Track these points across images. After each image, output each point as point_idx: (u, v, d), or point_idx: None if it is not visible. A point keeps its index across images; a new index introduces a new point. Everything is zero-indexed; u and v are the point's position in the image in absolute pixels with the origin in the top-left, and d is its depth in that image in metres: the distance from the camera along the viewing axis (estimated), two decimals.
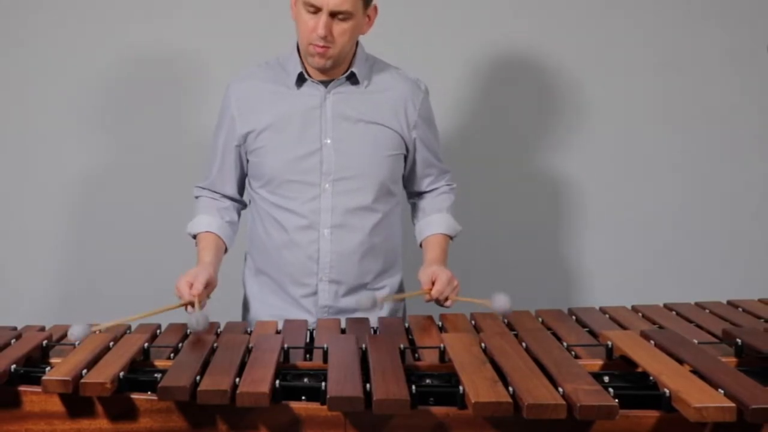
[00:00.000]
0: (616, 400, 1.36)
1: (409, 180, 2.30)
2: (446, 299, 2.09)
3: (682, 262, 3.11)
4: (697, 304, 2.15)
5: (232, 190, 2.26)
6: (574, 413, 1.35)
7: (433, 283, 2.09)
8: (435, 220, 2.27)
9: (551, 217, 3.12)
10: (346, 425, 1.48)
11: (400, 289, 2.31)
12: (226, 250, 2.22)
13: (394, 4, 2.89)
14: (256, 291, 2.29)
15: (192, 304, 1.94)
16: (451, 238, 2.28)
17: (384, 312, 2.23)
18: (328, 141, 2.15)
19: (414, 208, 2.34)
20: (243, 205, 2.31)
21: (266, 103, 2.17)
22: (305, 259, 2.18)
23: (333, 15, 2.03)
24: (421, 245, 2.28)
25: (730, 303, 2.16)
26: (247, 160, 2.23)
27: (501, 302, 1.96)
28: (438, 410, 1.47)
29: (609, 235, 3.11)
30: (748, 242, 3.12)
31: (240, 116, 2.19)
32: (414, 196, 2.34)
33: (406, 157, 2.24)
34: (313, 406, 1.49)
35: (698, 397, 1.36)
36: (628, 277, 3.09)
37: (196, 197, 2.29)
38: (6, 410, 1.54)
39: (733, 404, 1.34)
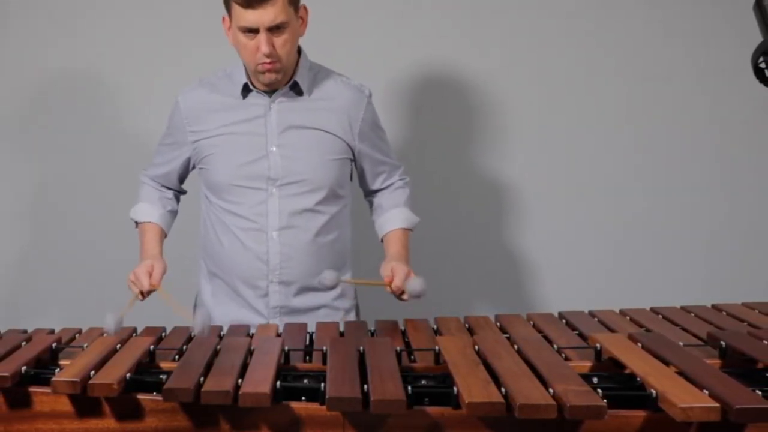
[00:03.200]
0: (605, 401, 1.36)
1: (362, 180, 2.33)
2: (402, 293, 2.09)
3: (669, 266, 3.12)
4: (682, 307, 2.14)
5: (175, 185, 2.35)
6: (564, 413, 1.35)
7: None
8: (394, 216, 2.29)
9: (518, 219, 3.13)
10: (345, 425, 1.48)
11: (352, 287, 2.32)
12: (165, 236, 2.31)
13: (340, 11, 2.94)
14: (209, 294, 2.31)
15: (149, 292, 2.08)
16: (411, 230, 2.30)
17: (335, 293, 2.25)
18: (274, 149, 2.17)
19: (372, 206, 2.36)
20: (183, 192, 2.39)
21: (213, 113, 2.20)
22: (255, 262, 2.20)
23: (270, 30, 2.05)
24: (382, 240, 2.30)
25: (714, 307, 2.15)
26: (194, 166, 2.28)
27: (415, 285, 1.99)
28: (433, 410, 1.47)
29: (588, 238, 3.13)
30: (732, 247, 3.12)
31: (188, 126, 2.22)
32: (370, 194, 2.36)
33: (353, 161, 2.26)
34: (313, 407, 1.49)
35: (684, 398, 1.36)
36: (614, 281, 3.10)
37: (141, 183, 2.35)
38: (17, 410, 1.54)
39: (718, 404, 1.34)
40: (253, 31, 2.05)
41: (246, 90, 2.19)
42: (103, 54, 3.00)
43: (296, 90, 2.19)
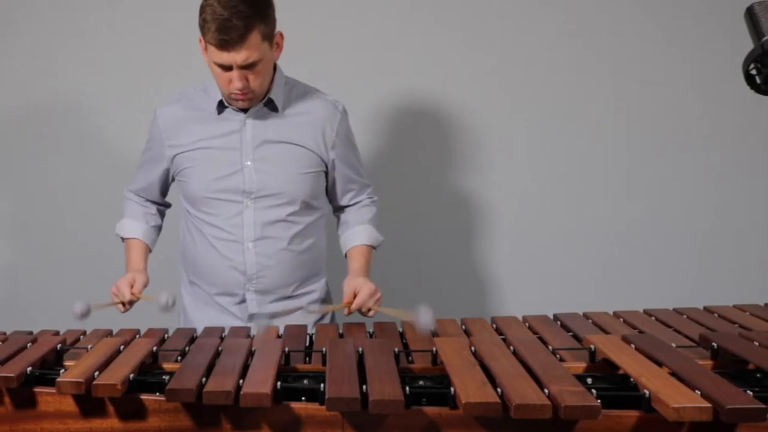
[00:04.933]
0: (599, 401, 1.37)
1: (332, 195, 2.32)
2: (369, 310, 2.09)
3: (662, 269, 3.12)
4: (675, 310, 2.15)
5: (157, 198, 2.35)
6: (559, 413, 1.35)
7: (355, 295, 2.09)
8: (358, 232, 2.29)
9: (475, 227, 3.13)
10: (344, 424, 1.48)
11: (326, 291, 2.33)
12: (150, 251, 2.33)
13: (315, 27, 2.93)
14: (190, 300, 2.32)
15: (131, 302, 2.12)
16: (374, 248, 2.30)
17: (312, 298, 2.27)
18: (249, 163, 2.17)
19: (339, 221, 2.36)
20: (167, 206, 2.41)
21: (191, 126, 2.20)
22: (232, 271, 2.21)
23: (243, 67, 2.03)
24: (346, 256, 2.30)
25: (706, 309, 2.16)
26: (173, 179, 2.28)
27: (424, 318, 1.82)
28: (430, 410, 1.47)
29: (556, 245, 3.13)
30: (724, 250, 3.13)
31: (167, 139, 2.22)
32: (338, 210, 2.36)
33: (326, 174, 2.26)
34: (313, 407, 1.49)
35: (676, 398, 1.36)
36: (608, 284, 3.10)
37: (126, 198, 2.36)
38: (22, 410, 1.55)
39: (709, 404, 1.34)
40: (226, 68, 2.04)
41: (221, 105, 2.18)
42: (102, 67, 3.00)
43: (271, 106, 2.18)
